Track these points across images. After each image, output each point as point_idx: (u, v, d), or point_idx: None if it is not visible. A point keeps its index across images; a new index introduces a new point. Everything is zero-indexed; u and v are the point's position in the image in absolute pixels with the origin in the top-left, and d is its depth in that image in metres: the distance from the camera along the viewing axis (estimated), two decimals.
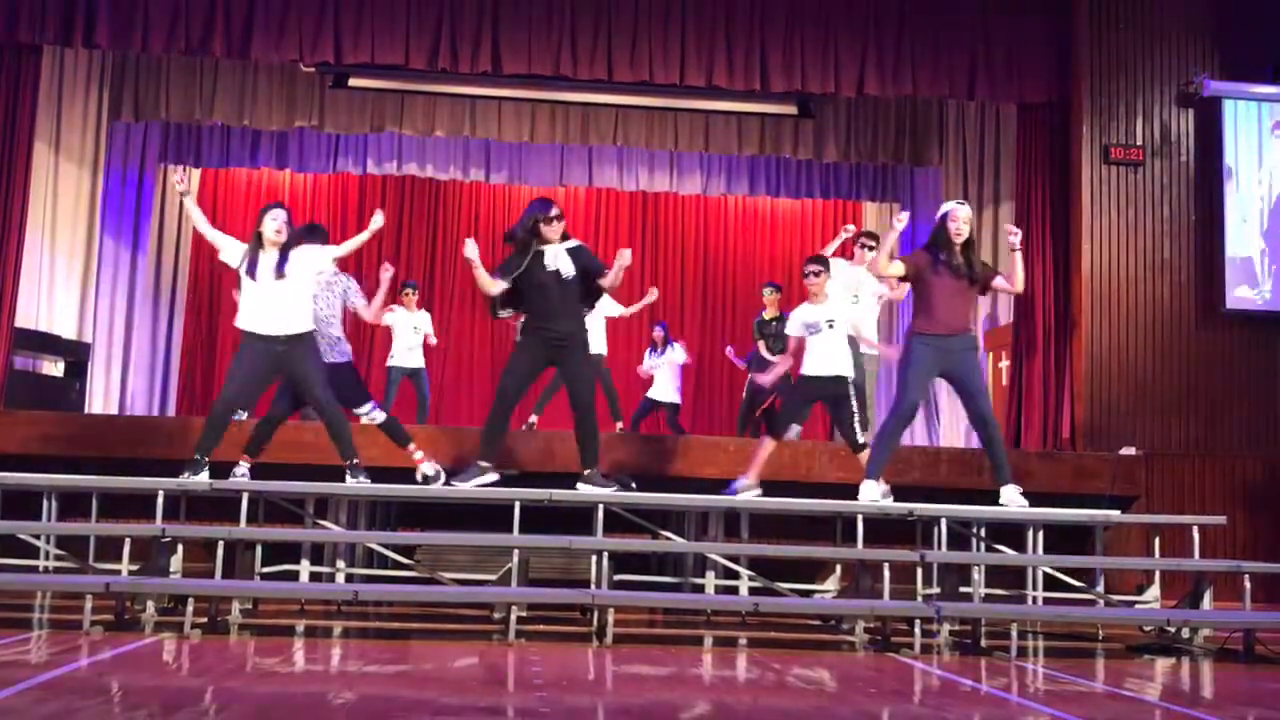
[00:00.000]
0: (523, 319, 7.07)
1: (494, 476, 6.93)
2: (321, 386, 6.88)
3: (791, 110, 11.75)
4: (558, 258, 6.93)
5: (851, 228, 9.09)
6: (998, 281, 7.10)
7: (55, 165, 10.94)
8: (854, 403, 7.43)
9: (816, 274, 7.59)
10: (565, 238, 7.05)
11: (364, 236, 7.07)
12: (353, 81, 11.25)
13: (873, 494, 6.95)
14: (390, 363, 10.88)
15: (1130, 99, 10.05)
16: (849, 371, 7.49)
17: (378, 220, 6.98)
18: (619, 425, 10.82)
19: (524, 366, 6.98)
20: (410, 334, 10.72)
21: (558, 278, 6.87)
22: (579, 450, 6.98)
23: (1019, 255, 6.99)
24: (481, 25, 9.81)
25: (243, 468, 7.09)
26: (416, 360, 10.77)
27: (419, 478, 7.15)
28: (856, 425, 7.40)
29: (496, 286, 6.91)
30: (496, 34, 9.83)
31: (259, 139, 12.64)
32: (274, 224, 6.84)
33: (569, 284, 6.89)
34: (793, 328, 7.66)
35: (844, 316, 7.65)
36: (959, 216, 6.91)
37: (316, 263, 6.96)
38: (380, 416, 7.41)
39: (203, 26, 9.61)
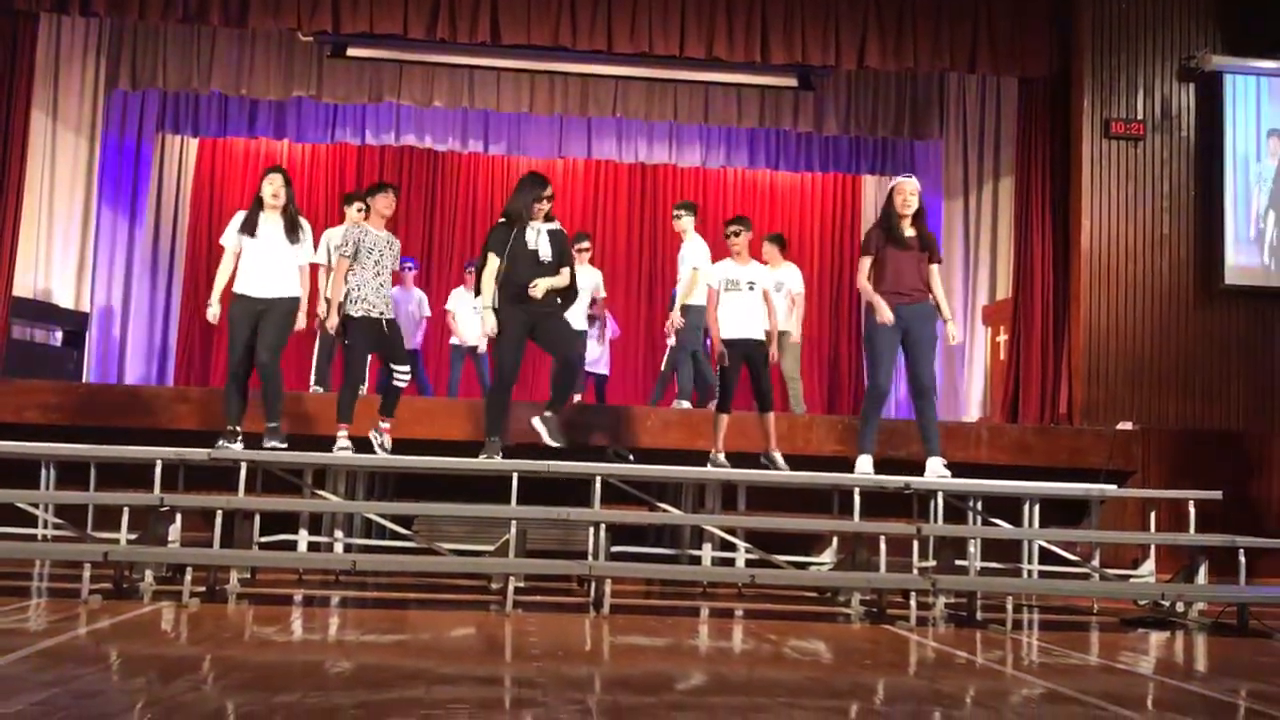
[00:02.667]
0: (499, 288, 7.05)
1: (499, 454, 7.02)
2: (271, 351, 6.98)
3: (792, 82, 11.71)
4: (539, 237, 7.05)
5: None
6: (933, 266, 7.29)
7: (53, 134, 10.89)
8: (768, 367, 7.71)
9: (737, 233, 7.76)
10: (549, 218, 7.17)
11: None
12: (351, 51, 11.20)
13: (866, 467, 7.13)
14: (453, 341, 11.25)
15: (1131, 73, 10.02)
16: (761, 335, 7.70)
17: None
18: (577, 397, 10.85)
19: (512, 337, 7.03)
20: (471, 314, 10.83)
21: (536, 258, 7.00)
22: (551, 392, 7.20)
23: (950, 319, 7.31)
24: None
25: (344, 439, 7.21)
26: (474, 339, 10.86)
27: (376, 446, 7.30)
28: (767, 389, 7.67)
29: (494, 268, 6.98)
30: (495, 4, 9.77)
31: (257, 108, 12.58)
32: (270, 187, 7.00)
33: (546, 265, 7.03)
34: (711, 279, 7.81)
35: (765, 282, 7.80)
36: (906, 189, 7.20)
37: (307, 253, 7.17)
38: (405, 381, 7.44)
39: None
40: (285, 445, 7.05)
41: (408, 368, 7.49)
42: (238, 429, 7.00)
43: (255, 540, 6.56)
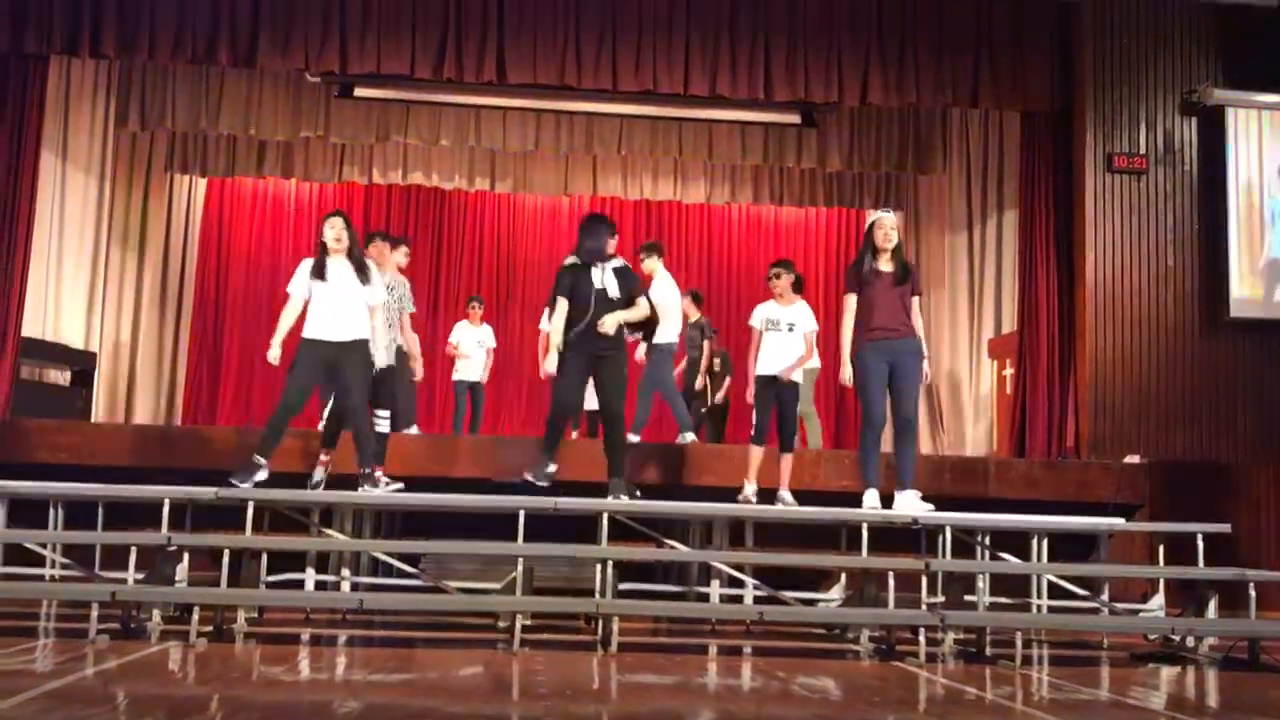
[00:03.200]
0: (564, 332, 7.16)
1: (553, 467, 7.16)
2: (361, 395, 7.09)
3: (795, 119, 11.79)
4: (605, 275, 7.16)
5: None
6: (914, 299, 7.33)
7: (62, 173, 10.97)
8: (797, 408, 7.89)
9: (777, 275, 7.97)
10: (612, 257, 7.29)
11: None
12: (358, 91, 11.30)
13: (874, 501, 7.12)
14: (456, 376, 11.29)
15: (1133, 107, 10.07)
16: (798, 376, 7.84)
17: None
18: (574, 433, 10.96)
19: (571, 378, 7.14)
20: (474, 348, 10.86)
21: (605, 295, 7.12)
22: (607, 459, 7.18)
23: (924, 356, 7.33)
24: (486, 35, 9.84)
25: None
26: (476, 374, 10.89)
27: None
28: (794, 431, 7.84)
29: (564, 310, 7.10)
30: (502, 44, 9.86)
31: (265, 148, 12.68)
32: (331, 231, 7.10)
33: (614, 302, 7.13)
34: (755, 319, 8.01)
35: (804, 324, 7.92)
36: (886, 224, 7.29)
37: (379, 294, 7.30)
38: (386, 427, 7.61)
39: (208, 36, 9.66)
40: (401, 485, 7.26)
41: (388, 413, 7.65)
42: (266, 462, 7.02)
43: (262, 579, 6.55)
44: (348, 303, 7.08)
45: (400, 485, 7.30)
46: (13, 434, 8.51)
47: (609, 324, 7.04)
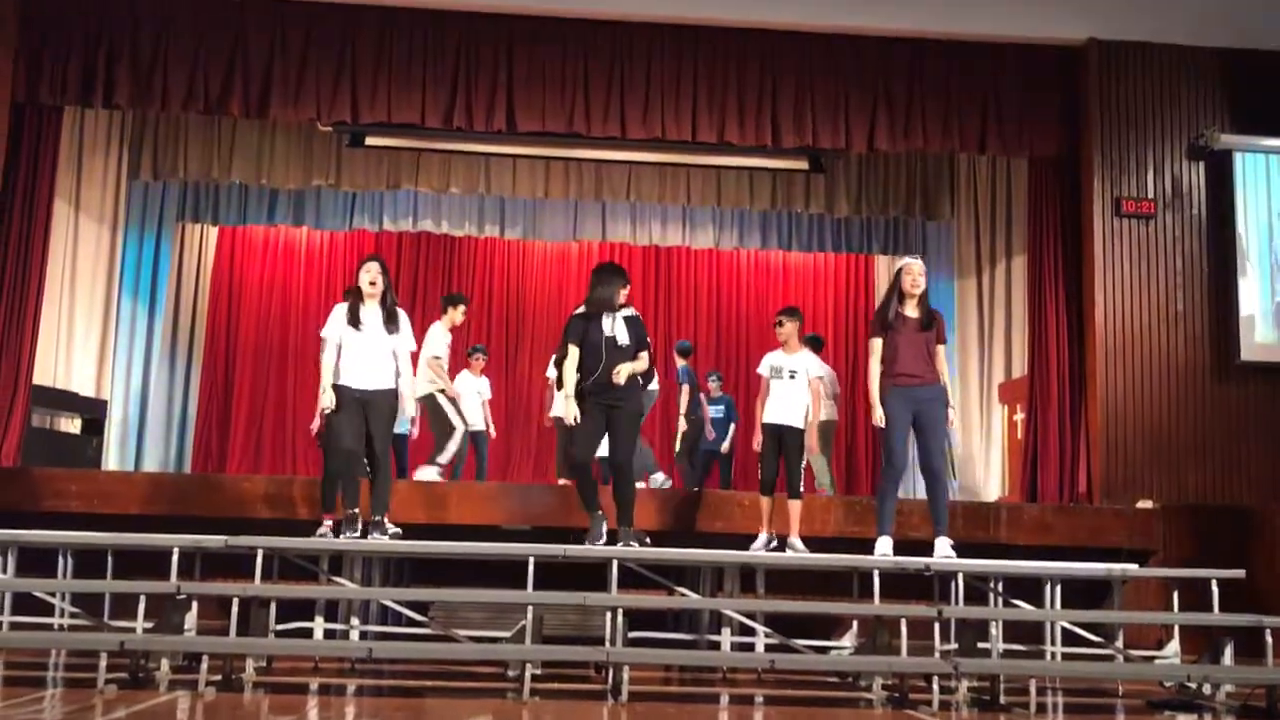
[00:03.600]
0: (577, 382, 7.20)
1: (605, 523, 7.15)
2: (386, 443, 7.15)
3: (803, 165, 11.83)
4: (616, 323, 7.19)
5: None
6: (939, 347, 7.36)
7: (75, 223, 11.04)
8: (802, 455, 7.90)
9: (780, 323, 8.04)
10: (623, 306, 7.33)
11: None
12: (369, 140, 11.38)
13: (886, 549, 7.13)
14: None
15: (1141, 152, 10.09)
16: (800, 423, 7.84)
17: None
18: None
19: (589, 430, 7.16)
20: (474, 397, 10.93)
21: (615, 343, 7.14)
22: (616, 508, 7.16)
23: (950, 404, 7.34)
24: (496, 84, 9.92)
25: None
26: (479, 422, 10.95)
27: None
28: (798, 477, 7.86)
29: (575, 358, 7.15)
30: (511, 92, 9.94)
31: (276, 196, 12.76)
32: (366, 276, 7.14)
33: (624, 350, 7.16)
34: (762, 368, 8.07)
35: (807, 371, 7.95)
36: (914, 270, 7.33)
37: (408, 342, 7.32)
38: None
39: (221, 87, 9.75)
40: (400, 533, 7.25)
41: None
42: (356, 510, 7.11)
43: (271, 628, 6.53)
44: (377, 351, 7.09)
45: (399, 531, 7.31)
46: (23, 482, 8.51)
47: (623, 374, 7.05)
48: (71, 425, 10.85)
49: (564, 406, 7.19)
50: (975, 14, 10.07)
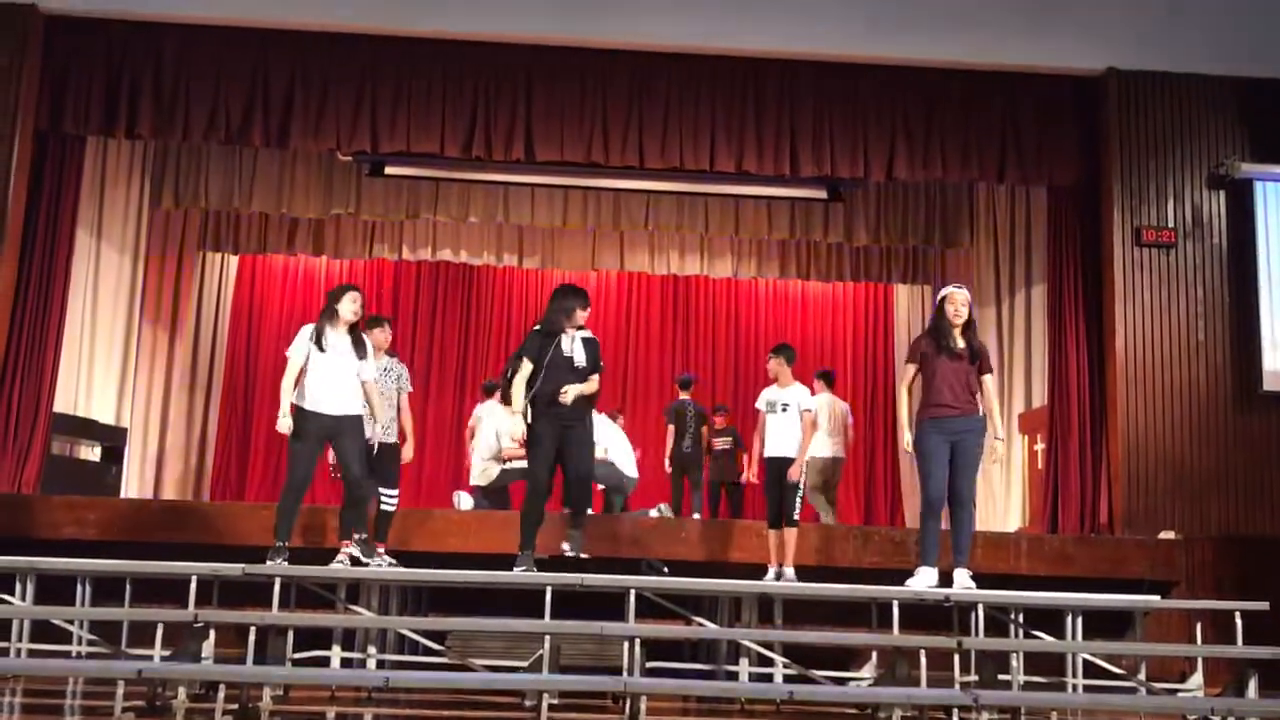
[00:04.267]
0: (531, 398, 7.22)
1: (530, 563, 7.14)
2: (361, 464, 7.13)
3: (821, 194, 11.82)
4: (574, 344, 7.28)
5: None
6: (985, 378, 7.25)
7: (97, 252, 11.11)
8: (796, 485, 7.85)
9: (770, 359, 8.19)
10: (580, 327, 7.39)
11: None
12: (389, 170, 11.43)
13: (929, 579, 7.09)
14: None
15: (1161, 181, 10.06)
16: (794, 454, 7.85)
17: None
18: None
19: (546, 451, 7.21)
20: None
21: (571, 364, 7.22)
22: (571, 514, 7.38)
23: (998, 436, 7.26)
24: (515, 114, 9.97)
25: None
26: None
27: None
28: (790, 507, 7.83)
29: (527, 373, 7.19)
30: (530, 122, 9.99)
31: (296, 226, 12.82)
32: (353, 305, 7.21)
33: (579, 372, 7.23)
34: (759, 403, 8.20)
35: (798, 404, 8.00)
36: (958, 299, 7.25)
37: (371, 369, 7.37)
38: (391, 506, 7.77)
39: (242, 117, 9.83)
40: (394, 562, 7.35)
41: (396, 491, 7.79)
42: (287, 545, 7.04)
43: (289, 656, 6.52)
44: (344, 376, 7.12)
45: (393, 561, 7.31)
46: (42, 509, 8.54)
47: (569, 395, 7.09)
48: (91, 453, 10.89)
49: (513, 424, 7.24)
50: (994, 44, 10.08)
